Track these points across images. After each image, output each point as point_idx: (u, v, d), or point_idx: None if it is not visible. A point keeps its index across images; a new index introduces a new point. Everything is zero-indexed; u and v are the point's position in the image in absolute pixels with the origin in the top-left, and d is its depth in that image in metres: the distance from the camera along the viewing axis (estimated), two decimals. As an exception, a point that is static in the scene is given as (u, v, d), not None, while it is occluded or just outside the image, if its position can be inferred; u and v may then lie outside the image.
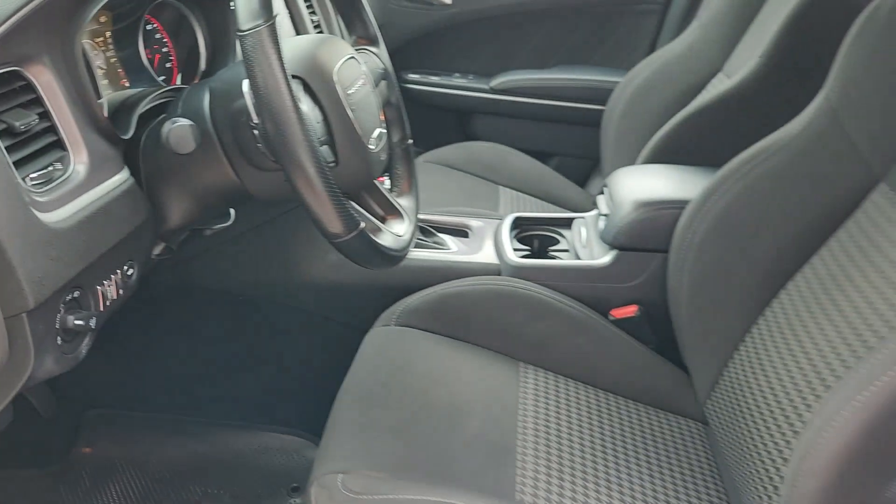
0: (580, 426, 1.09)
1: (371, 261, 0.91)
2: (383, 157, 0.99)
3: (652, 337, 1.28)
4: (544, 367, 1.20)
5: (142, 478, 1.26)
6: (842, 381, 0.83)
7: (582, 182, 2.11)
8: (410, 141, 1.19)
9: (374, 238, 0.89)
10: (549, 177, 1.97)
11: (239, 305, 1.33)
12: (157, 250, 1.03)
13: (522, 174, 1.91)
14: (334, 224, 0.80)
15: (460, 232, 1.44)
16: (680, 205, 1.23)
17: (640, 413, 1.17)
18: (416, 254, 1.32)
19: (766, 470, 0.90)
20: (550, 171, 2.01)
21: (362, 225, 0.84)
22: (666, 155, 1.46)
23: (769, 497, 0.87)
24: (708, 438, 1.15)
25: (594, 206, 1.44)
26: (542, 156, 2.07)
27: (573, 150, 2.17)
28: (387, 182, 1.18)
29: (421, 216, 1.41)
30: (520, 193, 1.82)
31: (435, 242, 1.36)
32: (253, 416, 1.36)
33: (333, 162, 0.90)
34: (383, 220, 1.05)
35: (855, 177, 0.99)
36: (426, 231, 1.38)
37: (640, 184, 1.31)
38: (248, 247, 1.26)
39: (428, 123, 1.95)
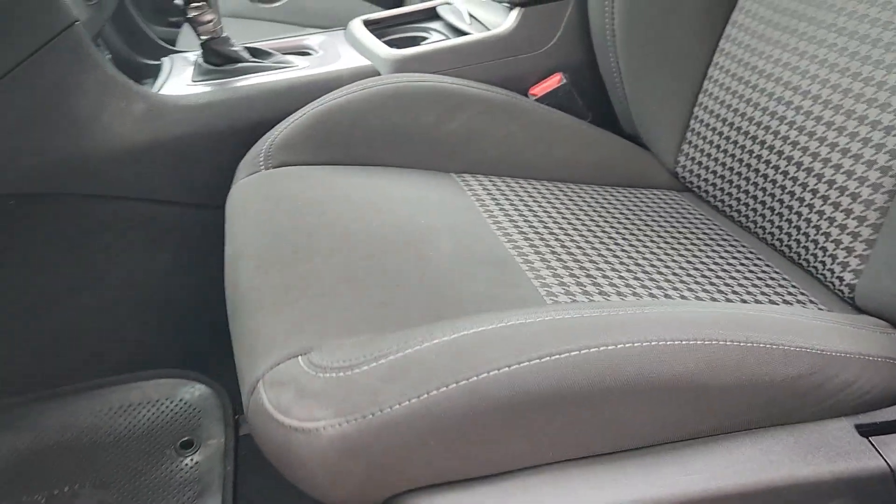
0: (568, 222, 0.80)
1: None
2: None
3: (585, 110, 1.01)
4: (483, 171, 0.89)
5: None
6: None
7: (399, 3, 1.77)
8: None
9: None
10: (360, 9, 1.61)
11: (22, 215, 0.86)
12: None
13: (330, 12, 1.54)
14: None
15: (301, 53, 1.06)
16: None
17: (619, 196, 0.91)
18: (258, 78, 0.93)
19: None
20: (363, 4, 1.65)
21: None
22: None
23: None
24: (690, 202, 0.92)
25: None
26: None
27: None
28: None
29: (247, 44, 1.01)
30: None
31: (276, 63, 0.97)
32: (94, 369, 0.93)
33: None
34: None
35: None
36: (258, 52, 0.99)
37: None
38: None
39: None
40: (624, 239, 0.78)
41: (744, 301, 0.69)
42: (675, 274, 0.73)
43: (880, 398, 0.58)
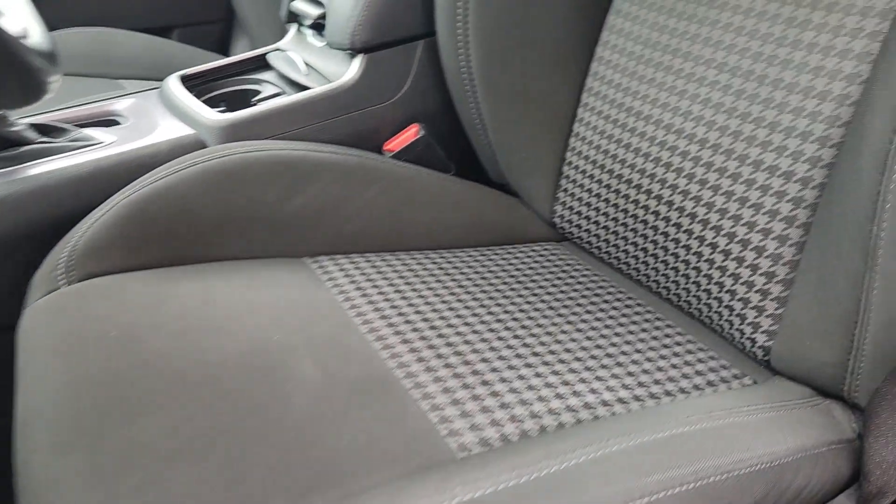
0: (448, 306, 0.69)
1: None
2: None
3: (448, 161, 0.91)
4: (341, 250, 0.76)
5: None
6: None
7: (223, 51, 1.60)
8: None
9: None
10: (181, 54, 1.43)
11: None
12: None
13: (142, 59, 1.35)
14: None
15: (105, 123, 0.88)
16: (425, -41, 0.85)
17: (498, 258, 0.81)
18: (51, 164, 0.75)
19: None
20: (181, 47, 1.47)
21: None
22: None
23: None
24: (574, 255, 0.84)
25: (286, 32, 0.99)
26: (159, 32, 1.51)
27: (197, 17, 1.63)
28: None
29: (31, 118, 0.83)
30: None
31: (74, 140, 0.79)
32: None
33: None
34: None
35: None
36: (48, 128, 0.81)
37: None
38: None
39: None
40: (514, 320, 0.68)
41: (666, 391, 0.60)
42: (578, 360, 0.63)
43: (831, 491, 0.51)
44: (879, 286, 0.48)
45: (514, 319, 0.68)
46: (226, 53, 1.57)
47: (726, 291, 0.65)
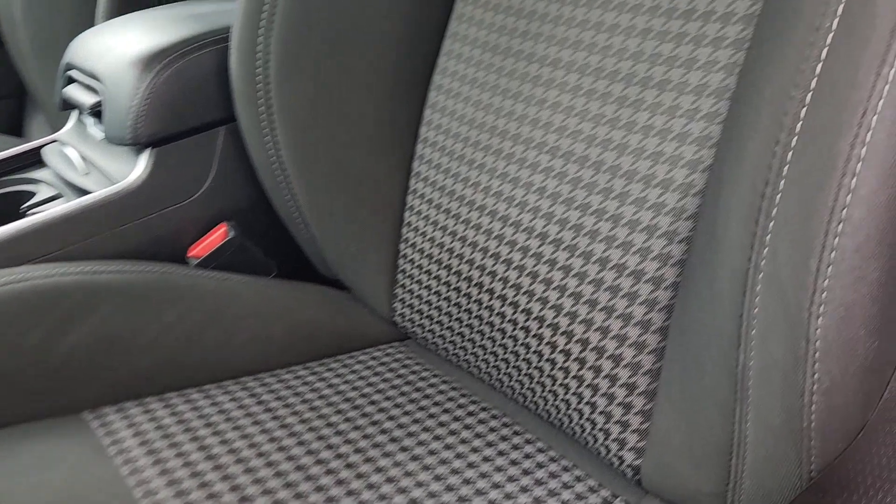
0: (275, 471, 0.57)
1: None
2: None
3: (268, 261, 0.79)
4: (133, 394, 0.63)
5: None
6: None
7: (16, 130, 1.41)
8: None
9: None
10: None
11: None
12: None
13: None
14: None
15: None
16: (217, 37, 0.74)
17: (336, 376, 0.70)
18: None
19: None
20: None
21: None
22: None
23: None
24: (421, 357, 0.74)
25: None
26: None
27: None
28: None
29: None
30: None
31: None
32: None
33: None
34: None
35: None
36: None
37: (139, 33, 0.76)
38: None
39: None
40: (357, 451, 0.57)
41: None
42: (413, 500, 0.53)
43: None
44: (753, 420, 0.41)
45: (357, 451, 0.57)
46: (19, 134, 1.38)
47: (586, 403, 0.57)
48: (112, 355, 0.62)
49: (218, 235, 0.75)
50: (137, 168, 0.72)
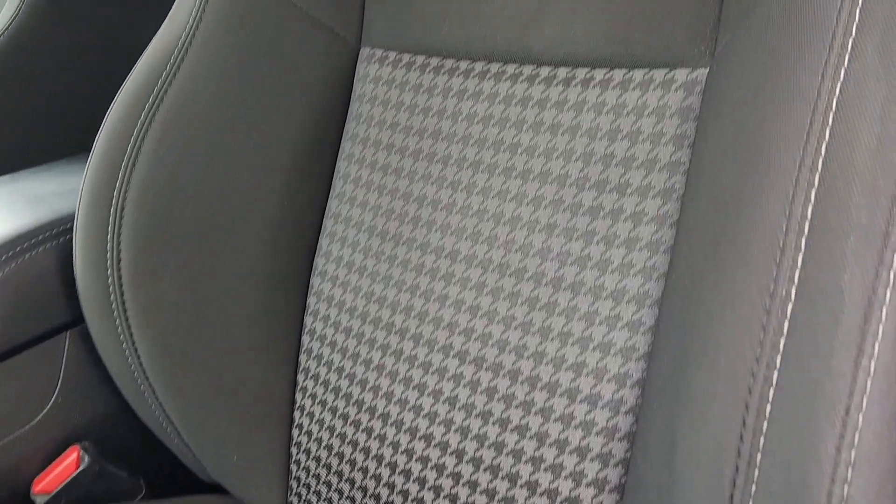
0: None
1: None
2: None
3: (135, 481, 0.67)
4: None
5: None
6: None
7: None
8: None
9: None
10: None
11: None
12: None
13: None
14: None
15: None
16: (56, 229, 0.63)
17: None
18: None
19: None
20: None
21: None
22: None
23: None
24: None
25: None
26: None
27: None
28: None
29: None
30: None
31: None
32: None
33: None
34: None
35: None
36: None
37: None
38: None
39: None
40: None
41: None
42: None
43: None
44: None
45: None
46: None
47: None
48: None
49: (69, 463, 0.63)
50: (-39, 394, 0.59)
